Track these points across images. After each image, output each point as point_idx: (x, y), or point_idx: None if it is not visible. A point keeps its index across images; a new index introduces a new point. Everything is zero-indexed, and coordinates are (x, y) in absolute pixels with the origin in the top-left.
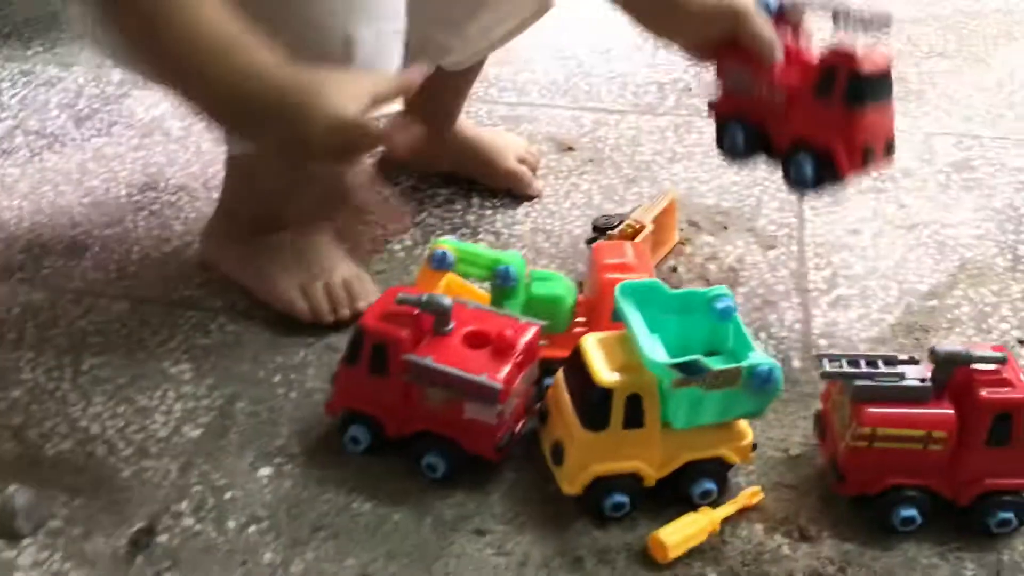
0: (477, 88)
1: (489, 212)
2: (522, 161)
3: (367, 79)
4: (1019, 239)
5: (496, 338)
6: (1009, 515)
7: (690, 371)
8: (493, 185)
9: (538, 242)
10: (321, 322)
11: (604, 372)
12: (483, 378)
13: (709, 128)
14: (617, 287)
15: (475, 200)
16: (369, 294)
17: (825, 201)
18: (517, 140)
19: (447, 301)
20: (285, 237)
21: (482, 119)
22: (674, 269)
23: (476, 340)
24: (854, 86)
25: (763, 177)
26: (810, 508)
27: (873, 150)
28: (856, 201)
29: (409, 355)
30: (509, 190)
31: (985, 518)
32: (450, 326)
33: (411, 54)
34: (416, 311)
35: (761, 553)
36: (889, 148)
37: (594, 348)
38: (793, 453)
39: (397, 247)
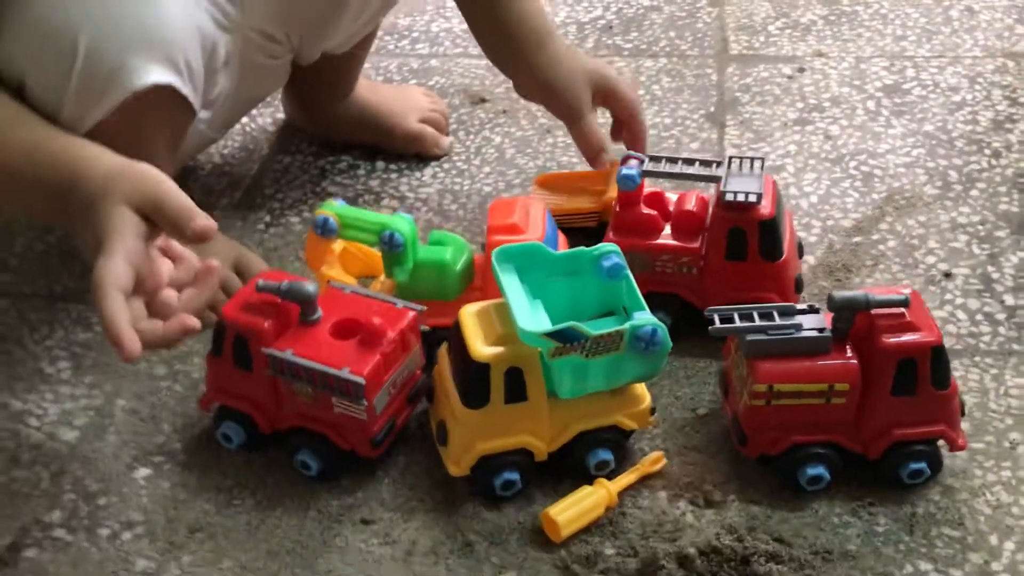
0: (387, 42)
1: (394, 175)
2: (426, 120)
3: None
4: (950, 164)
5: (364, 327)
6: (921, 465)
7: (566, 338)
8: (397, 149)
9: (445, 204)
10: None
11: (480, 346)
12: (344, 372)
13: (628, 70)
14: (493, 252)
15: (379, 164)
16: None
17: (747, 138)
18: (419, 98)
19: (310, 288)
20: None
21: (392, 75)
22: None
23: (345, 329)
24: (767, 238)
25: (683, 117)
26: (717, 471)
27: (800, 274)
28: (780, 135)
29: (268, 348)
30: (417, 153)
31: (897, 470)
32: (317, 314)
33: (290, 51)
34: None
35: (662, 524)
36: (800, 249)
37: (471, 320)
38: (701, 413)
39: (294, 219)
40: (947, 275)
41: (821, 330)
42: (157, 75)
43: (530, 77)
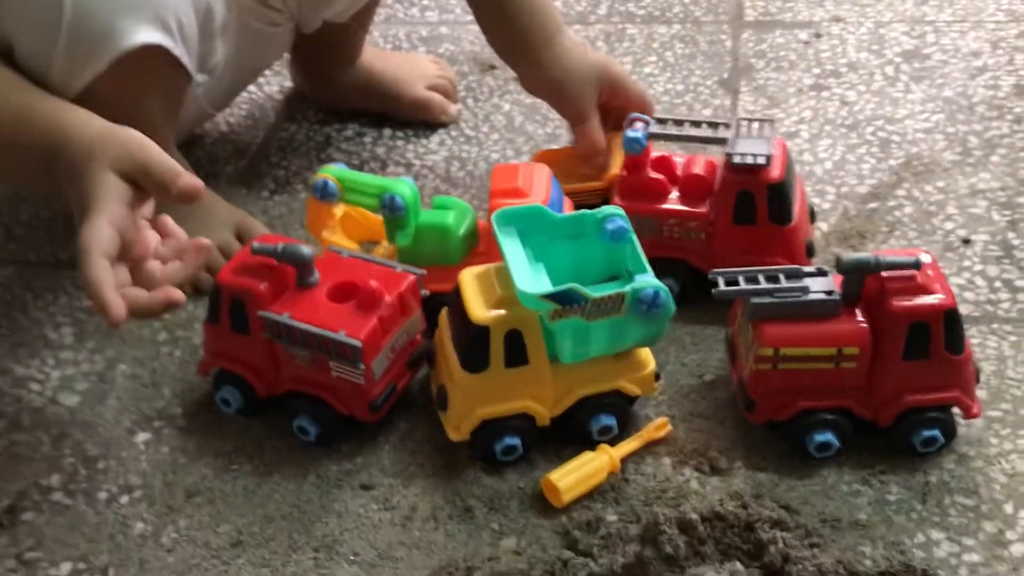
0: (396, 9)
1: (401, 143)
2: (434, 88)
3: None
4: (970, 129)
5: (362, 290)
6: (934, 432)
7: (565, 300)
8: (404, 117)
9: (452, 171)
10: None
11: (480, 309)
12: (341, 335)
13: (641, 35)
14: (493, 215)
15: (386, 131)
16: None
17: (761, 104)
18: (427, 65)
19: (306, 251)
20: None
21: (400, 42)
22: None
23: (343, 293)
24: (776, 202)
25: (695, 83)
26: (723, 438)
27: (811, 239)
28: (795, 101)
29: (264, 311)
30: (424, 120)
31: (909, 437)
32: (314, 277)
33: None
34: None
35: (666, 490)
36: (812, 215)
37: (471, 283)
38: (708, 379)
39: (299, 186)
40: (966, 241)
41: (829, 293)
42: (146, 35)
43: (537, 74)
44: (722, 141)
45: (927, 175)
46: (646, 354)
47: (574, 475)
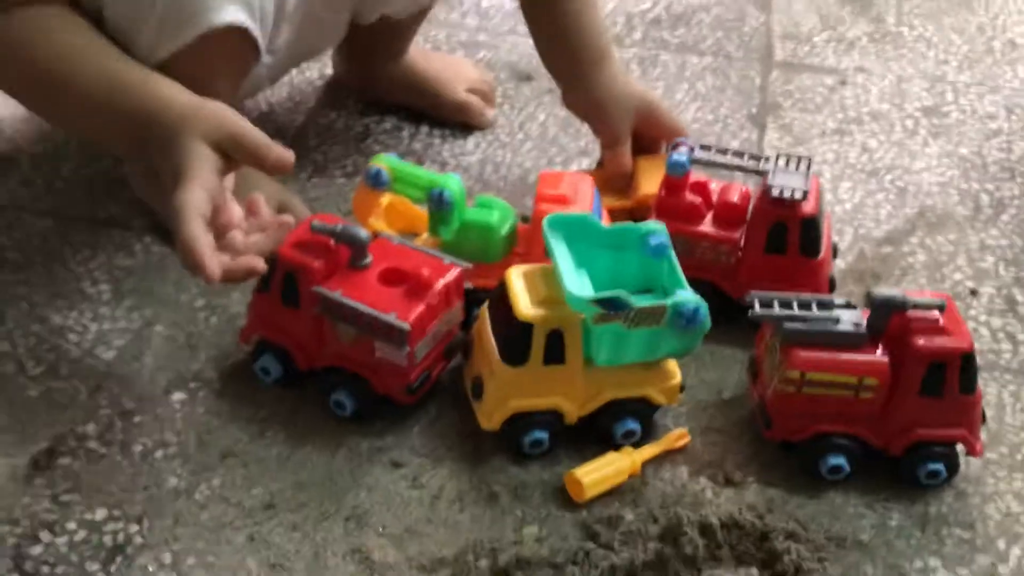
0: (438, 11)
1: (437, 141)
2: (474, 91)
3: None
4: (983, 188)
5: (412, 277)
6: (939, 467)
7: (612, 306)
8: (442, 116)
9: (486, 174)
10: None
11: (526, 305)
12: (391, 317)
13: (674, 63)
14: (545, 220)
15: (423, 128)
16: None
17: (787, 142)
18: (469, 69)
19: (363, 233)
20: None
21: (440, 44)
22: None
23: (393, 277)
24: (808, 235)
25: (725, 115)
26: (738, 453)
27: (833, 274)
28: (819, 143)
29: (318, 287)
30: (462, 122)
31: (915, 469)
32: (367, 260)
33: (350, 9)
34: (332, 241)
35: (682, 496)
36: (835, 251)
37: (518, 281)
38: (726, 396)
39: (337, 172)
40: (973, 292)
41: (857, 325)
42: (234, 14)
43: (583, 93)
44: (763, 173)
45: (939, 226)
46: (673, 366)
47: (598, 473)
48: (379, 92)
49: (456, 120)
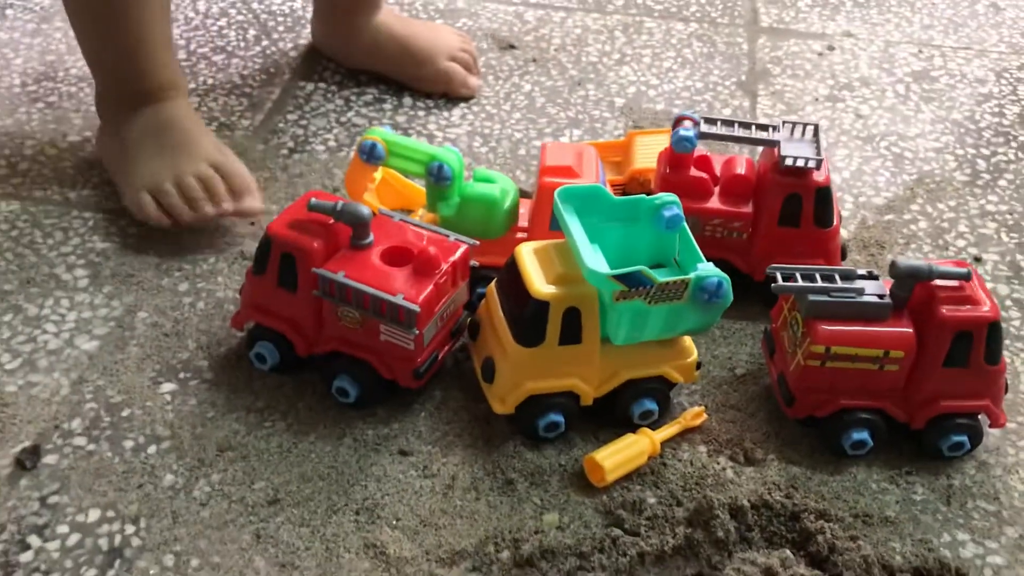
0: None
1: (422, 113)
2: (455, 60)
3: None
4: (978, 153)
5: (418, 256)
6: (962, 438)
7: (634, 282)
8: (424, 88)
9: (475, 146)
10: (180, 225)
11: (540, 284)
12: (399, 298)
13: (659, 31)
14: (556, 192)
15: (407, 100)
16: (245, 185)
17: (779, 109)
18: (450, 36)
19: (365, 211)
20: (145, 116)
21: (417, 12)
22: None
23: (397, 256)
24: (822, 205)
25: (714, 83)
26: (756, 430)
27: (845, 244)
28: (812, 110)
29: (319, 268)
30: (444, 92)
31: (938, 441)
32: (369, 239)
33: None
34: (331, 220)
35: (704, 477)
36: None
37: (530, 257)
38: (739, 372)
39: (319, 147)
40: (977, 259)
41: (881, 296)
42: None
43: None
44: (775, 143)
45: (939, 193)
46: (689, 343)
47: (618, 456)
48: (357, 57)
49: (438, 90)
